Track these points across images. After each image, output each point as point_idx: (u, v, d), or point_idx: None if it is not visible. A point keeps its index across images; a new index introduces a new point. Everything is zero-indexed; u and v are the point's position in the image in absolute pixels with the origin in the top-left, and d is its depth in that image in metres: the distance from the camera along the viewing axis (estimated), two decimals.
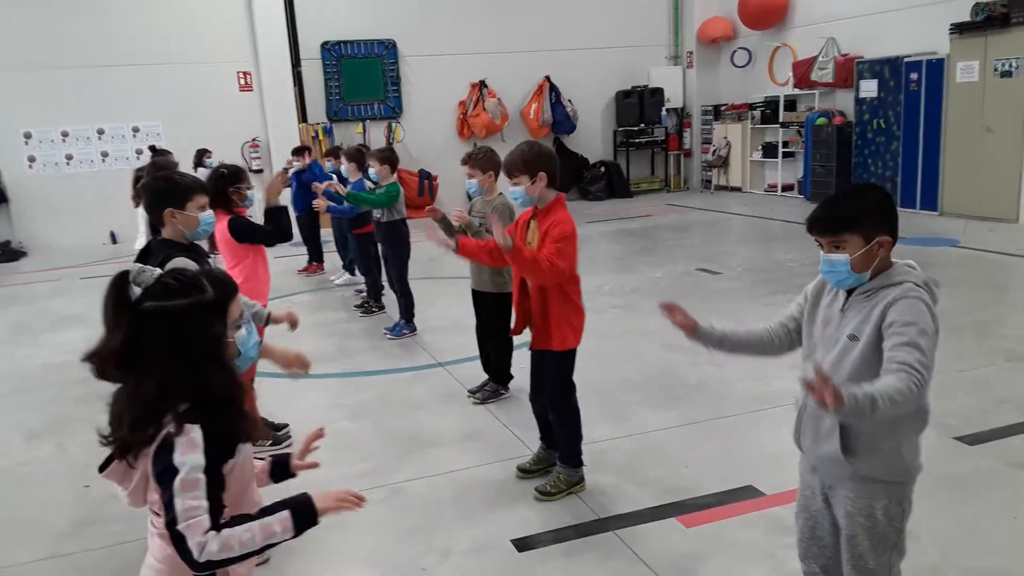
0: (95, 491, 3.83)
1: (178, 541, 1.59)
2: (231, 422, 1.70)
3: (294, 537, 1.70)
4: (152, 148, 8.58)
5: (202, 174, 9.54)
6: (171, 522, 1.59)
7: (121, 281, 1.67)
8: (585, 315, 3.54)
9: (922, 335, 1.97)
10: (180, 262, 3.05)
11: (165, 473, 1.61)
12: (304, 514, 1.71)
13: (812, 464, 2.29)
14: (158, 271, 1.73)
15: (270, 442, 4.28)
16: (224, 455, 1.69)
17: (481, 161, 4.62)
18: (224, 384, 1.71)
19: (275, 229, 4.09)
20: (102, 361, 1.67)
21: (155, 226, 3.25)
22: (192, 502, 1.59)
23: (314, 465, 2.02)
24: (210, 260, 3.40)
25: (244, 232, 4.10)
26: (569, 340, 3.47)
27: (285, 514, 1.69)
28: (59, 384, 5.53)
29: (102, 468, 1.76)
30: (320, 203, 6.67)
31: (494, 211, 4.29)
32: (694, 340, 2.45)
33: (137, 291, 1.68)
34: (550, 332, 3.45)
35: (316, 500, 1.73)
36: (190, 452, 1.62)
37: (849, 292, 2.17)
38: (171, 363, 1.64)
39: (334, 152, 8.23)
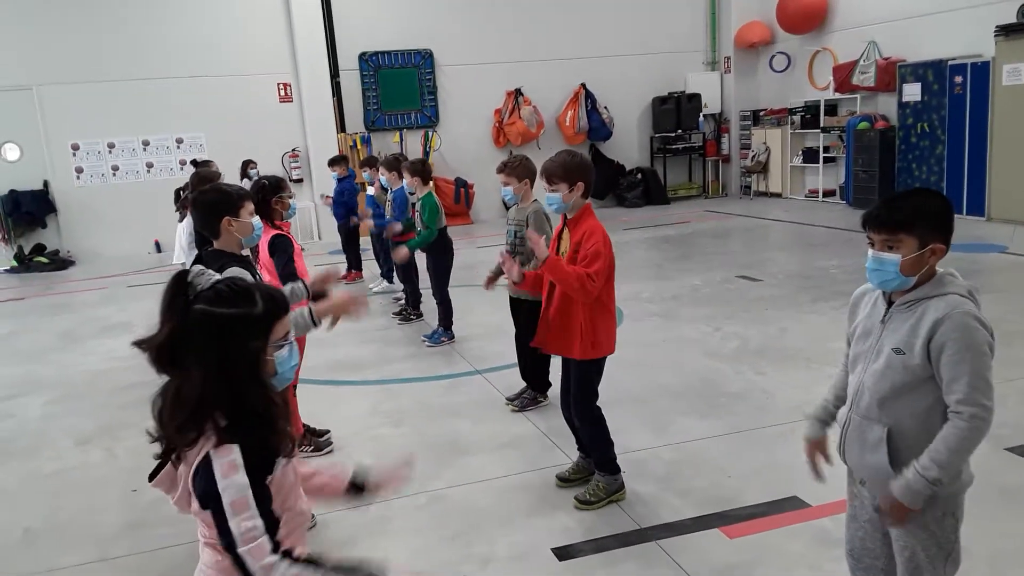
0: (143, 495, 3.91)
1: (240, 564, 1.61)
2: (266, 438, 1.71)
3: None
4: (193, 162, 8.73)
5: (247, 185, 9.77)
6: (229, 545, 1.61)
7: (180, 279, 1.70)
8: (617, 322, 3.52)
9: (974, 356, 1.97)
10: (235, 271, 3.09)
11: (210, 496, 1.63)
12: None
13: (860, 477, 2.25)
14: (216, 276, 1.75)
15: (312, 448, 4.33)
16: (264, 471, 1.70)
17: (517, 169, 4.63)
18: (258, 399, 1.70)
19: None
20: (149, 350, 1.69)
21: (202, 240, 3.29)
22: (247, 523, 1.60)
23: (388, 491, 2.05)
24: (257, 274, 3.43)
25: (278, 255, 3.98)
26: (592, 350, 3.43)
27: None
28: (108, 390, 5.66)
29: (151, 477, 1.78)
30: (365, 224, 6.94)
31: (533, 226, 4.31)
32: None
33: (193, 292, 1.71)
34: (571, 340, 3.43)
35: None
36: (232, 474, 1.62)
37: (889, 303, 2.13)
38: (210, 369, 1.65)
39: (371, 162, 8.31)
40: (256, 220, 3.23)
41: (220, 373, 1.66)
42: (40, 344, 7.21)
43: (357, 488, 2.07)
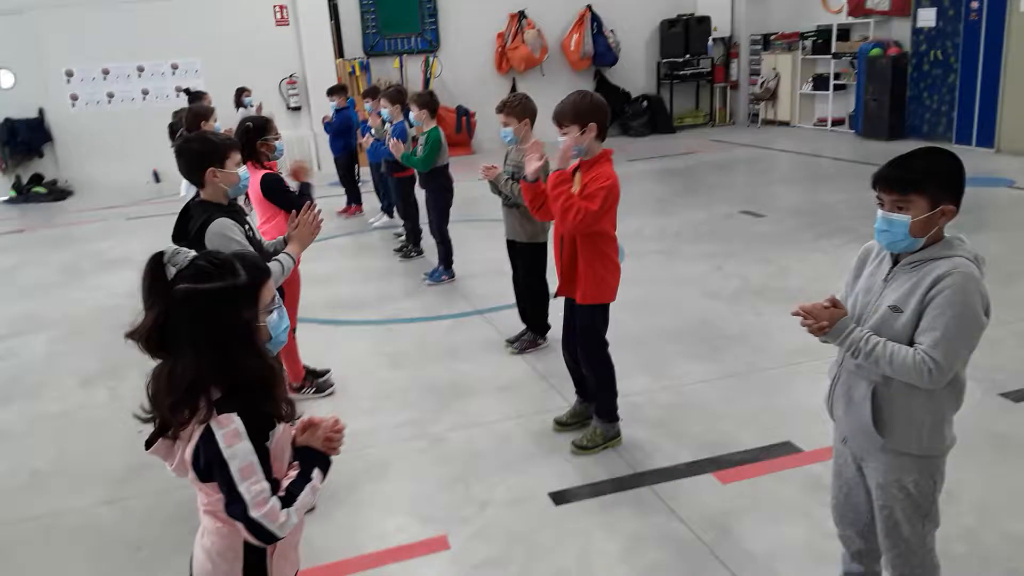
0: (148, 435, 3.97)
1: (254, 527, 1.64)
2: (265, 406, 1.73)
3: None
4: (187, 91, 8.56)
5: (242, 114, 9.60)
6: (242, 511, 1.64)
7: (156, 262, 1.69)
8: (620, 271, 3.51)
9: (957, 321, 1.95)
10: (222, 223, 3.07)
11: (216, 464, 1.65)
12: (325, 464, 1.83)
13: (843, 435, 2.27)
14: (192, 253, 1.74)
15: (314, 390, 4.38)
16: (264, 435, 1.72)
17: (516, 109, 4.51)
18: (256, 368, 1.71)
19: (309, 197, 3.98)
20: (140, 339, 1.70)
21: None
22: (256, 487, 1.64)
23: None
24: (248, 218, 3.40)
25: (276, 195, 4.09)
26: (595, 295, 3.42)
27: (318, 472, 1.80)
28: (111, 328, 5.64)
29: (148, 444, 1.80)
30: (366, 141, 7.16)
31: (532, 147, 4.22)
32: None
33: (172, 271, 1.69)
34: (576, 283, 3.42)
35: (322, 450, 1.84)
36: (236, 442, 1.64)
37: (895, 262, 2.11)
38: (203, 345, 1.65)
39: (372, 92, 8.13)
40: (243, 170, 3.17)
41: (215, 348, 1.66)
42: (42, 279, 7.23)
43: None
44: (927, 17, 10.72)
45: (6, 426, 4.34)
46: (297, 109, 12.43)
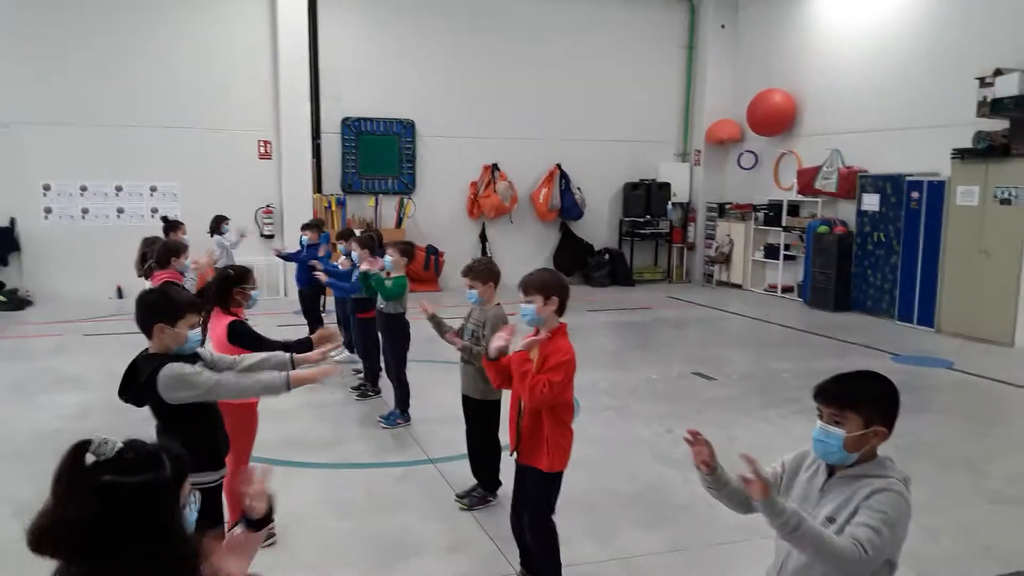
0: None
1: None
2: None
3: None
4: (164, 219, 8.74)
5: (218, 241, 9.79)
6: None
7: (78, 451, 1.62)
8: (574, 414, 3.62)
9: (888, 526, 2.07)
10: (171, 367, 3.05)
11: None
12: None
13: None
14: (120, 444, 1.68)
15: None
16: None
17: (481, 273, 4.76)
18: (184, 552, 1.65)
19: (278, 346, 3.99)
20: (55, 538, 1.56)
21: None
22: None
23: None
24: (203, 355, 3.41)
25: (244, 340, 4.07)
26: (557, 463, 3.54)
27: None
28: (53, 454, 5.49)
29: None
30: (321, 275, 7.34)
31: (490, 327, 4.43)
32: (706, 479, 2.40)
33: (92, 459, 1.62)
34: (541, 453, 3.53)
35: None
36: None
37: (830, 473, 2.25)
38: (140, 540, 1.58)
39: (346, 235, 8.40)
40: (194, 333, 3.17)
41: (152, 538, 1.59)
42: None
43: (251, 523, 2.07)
44: (871, 201, 11.54)
45: None
46: (270, 237, 12.68)
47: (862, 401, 2.18)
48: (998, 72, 9.54)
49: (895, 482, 2.15)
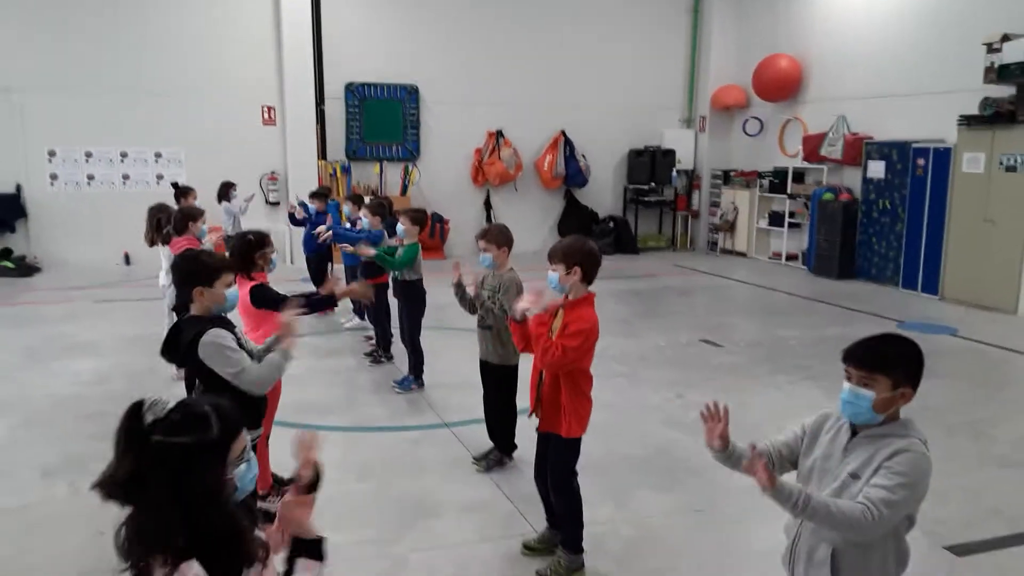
0: (110, 538, 3.93)
1: None
2: (230, 557, 1.72)
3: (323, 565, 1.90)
4: (175, 185, 8.72)
5: (226, 208, 9.80)
6: None
7: (136, 411, 1.72)
8: (592, 406, 3.69)
9: (904, 488, 2.14)
10: (214, 332, 3.20)
11: None
12: (313, 547, 1.90)
13: None
14: (171, 403, 1.77)
15: (279, 498, 4.38)
16: (237, 572, 1.73)
17: (497, 237, 4.79)
18: (221, 526, 1.72)
19: (310, 306, 4.13)
20: (111, 488, 1.69)
21: (185, 303, 3.39)
22: None
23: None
24: (236, 329, 3.52)
25: (267, 302, 4.22)
26: (575, 429, 3.61)
27: (303, 563, 1.85)
28: (73, 418, 5.65)
29: None
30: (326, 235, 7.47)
31: (505, 293, 4.50)
32: (715, 455, 2.48)
33: (149, 419, 1.72)
34: (560, 419, 3.60)
35: (303, 532, 1.91)
36: None
37: (853, 432, 2.33)
38: (170, 498, 1.66)
39: (356, 200, 8.40)
40: (232, 291, 3.32)
41: (181, 503, 1.67)
42: (3, 361, 7.14)
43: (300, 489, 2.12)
44: (876, 168, 11.54)
45: None
46: (276, 204, 12.69)
47: (891, 364, 2.25)
48: (1005, 38, 9.48)
49: (916, 442, 2.22)
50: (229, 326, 3.39)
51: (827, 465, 2.35)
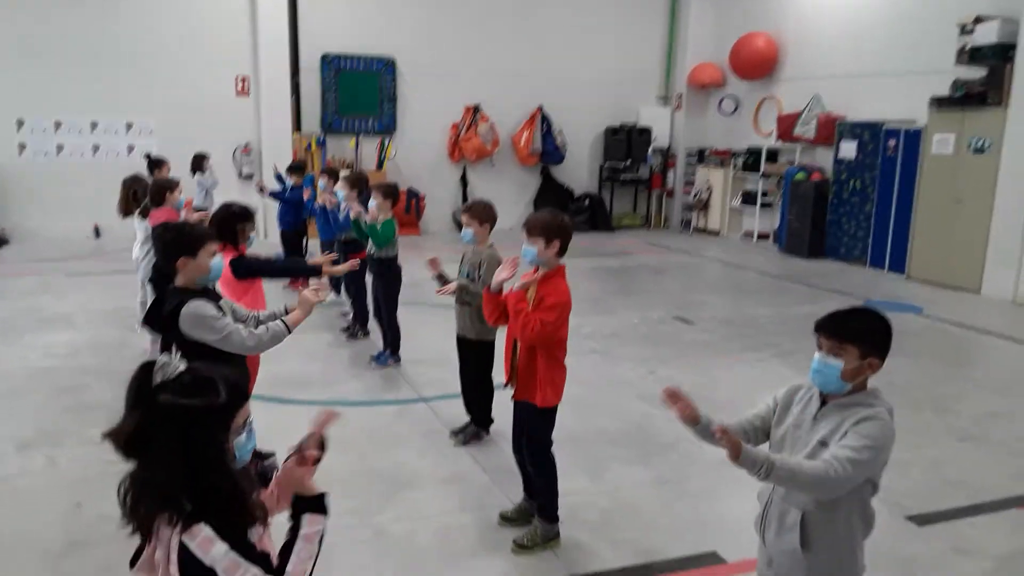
0: (87, 510, 3.96)
1: None
2: (235, 518, 1.80)
3: (326, 519, 1.96)
4: (148, 156, 8.61)
5: (199, 181, 9.69)
6: None
7: (145, 370, 1.79)
8: (567, 374, 3.76)
9: (869, 450, 2.24)
10: (195, 304, 3.22)
11: (205, 574, 1.74)
12: (316, 504, 1.95)
13: (769, 557, 2.52)
14: (181, 366, 1.82)
15: (255, 472, 4.42)
16: (239, 535, 1.80)
17: (480, 212, 4.83)
18: (222, 487, 1.79)
19: (286, 269, 4.21)
20: (116, 439, 1.77)
21: (166, 274, 3.39)
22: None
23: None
24: (222, 300, 3.55)
25: (249, 271, 4.24)
26: (550, 398, 3.68)
27: (309, 517, 1.92)
28: (48, 391, 5.62)
29: (132, 563, 1.87)
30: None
31: (486, 268, 4.56)
32: (691, 429, 2.53)
33: (158, 379, 1.78)
34: (534, 388, 3.66)
35: (305, 490, 1.97)
36: (211, 547, 1.74)
37: (823, 402, 2.42)
38: (175, 457, 1.74)
39: (332, 173, 8.35)
40: (216, 261, 3.33)
41: (185, 462, 1.74)
42: None
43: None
44: (848, 149, 11.70)
45: None
46: (249, 177, 12.55)
47: (860, 335, 2.34)
48: (978, 20, 9.63)
49: (882, 411, 2.32)
50: (214, 296, 3.41)
51: (798, 434, 2.44)
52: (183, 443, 1.73)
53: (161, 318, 3.24)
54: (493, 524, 3.98)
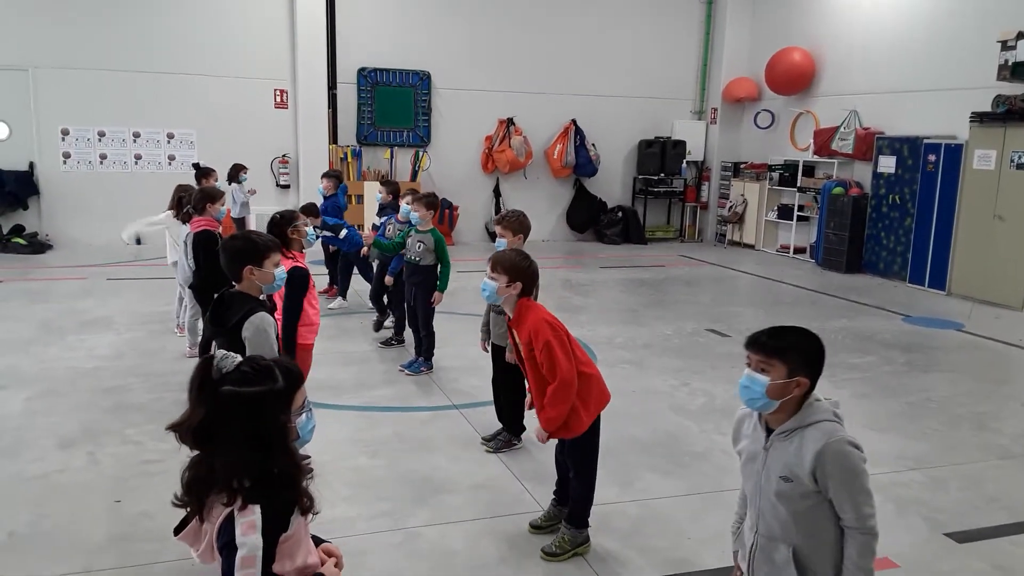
0: (127, 507, 4.04)
1: None
2: (289, 498, 1.92)
3: None
4: (195, 166, 8.81)
5: (235, 189, 9.89)
6: None
7: (207, 365, 1.92)
8: (596, 379, 3.72)
9: (858, 482, 2.23)
10: (264, 318, 3.26)
11: (227, 548, 1.85)
12: None
13: None
14: (238, 358, 1.94)
15: None
16: (279, 530, 1.90)
17: (513, 223, 4.89)
18: (285, 465, 1.91)
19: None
20: (183, 432, 1.90)
21: (212, 282, 3.46)
22: None
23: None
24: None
25: (290, 293, 4.25)
26: (578, 426, 3.62)
27: None
28: (90, 391, 5.75)
29: (177, 531, 1.97)
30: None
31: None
32: None
33: (219, 373, 1.91)
34: (561, 430, 3.63)
35: None
36: (250, 533, 1.83)
37: (768, 431, 2.36)
38: (242, 443, 1.86)
39: (333, 176, 8.61)
40: (280, 271, 3.42)
41: (252, 445, 1.86)
42: (20, 334, 7.22)
43: None
44: (887, 163, 11.55)
45: None
46: (286, 187, 12.76)
47: (787, 351, 2.28)
48: (1020, 36, 9.48)
49: (829, 427, 2.25)
50: (272, 311, 3.47)
51: (754, 466, 2.39)
52: (247, 429, 1.85)
53: (225, 318, 3.31)
54: (524, 531, 3.98)
